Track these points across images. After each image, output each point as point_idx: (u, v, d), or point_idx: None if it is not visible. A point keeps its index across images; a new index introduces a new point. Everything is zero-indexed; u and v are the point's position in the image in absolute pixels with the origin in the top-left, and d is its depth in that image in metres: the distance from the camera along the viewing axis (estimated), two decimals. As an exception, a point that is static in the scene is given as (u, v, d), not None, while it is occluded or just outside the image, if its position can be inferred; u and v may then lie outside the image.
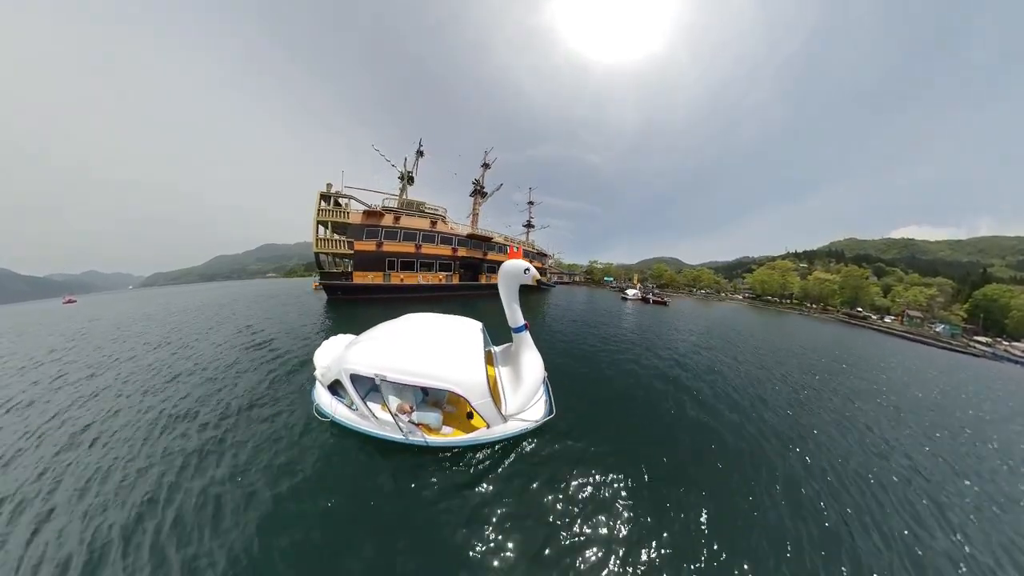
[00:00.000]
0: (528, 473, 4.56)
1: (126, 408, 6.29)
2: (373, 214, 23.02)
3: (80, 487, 4.25)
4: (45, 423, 5.89)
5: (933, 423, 8.13)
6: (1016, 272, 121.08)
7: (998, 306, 49.17)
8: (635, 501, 4.21)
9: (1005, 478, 5.98)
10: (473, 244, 30.09)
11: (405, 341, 5.20)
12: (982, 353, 28.52)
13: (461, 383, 4.59)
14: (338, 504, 3.96)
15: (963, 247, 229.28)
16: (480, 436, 4.84)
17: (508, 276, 5.62)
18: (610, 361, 10.13)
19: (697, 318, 25.43)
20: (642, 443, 5.54)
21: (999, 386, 13.96)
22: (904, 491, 5.10)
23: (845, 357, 15.50)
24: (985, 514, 4.90)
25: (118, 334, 12.99)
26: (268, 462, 4.61)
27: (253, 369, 8.15)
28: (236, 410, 6.05)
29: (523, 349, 5.79)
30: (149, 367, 8.61)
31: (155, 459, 4.73)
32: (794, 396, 8.75)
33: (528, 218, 50.91)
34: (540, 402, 5.52)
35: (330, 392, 5.36)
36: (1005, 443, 7.51)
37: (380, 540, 3.52)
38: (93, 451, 4.99)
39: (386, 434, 4.78)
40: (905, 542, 4.12)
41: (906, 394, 10.39)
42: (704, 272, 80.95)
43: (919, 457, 6.25)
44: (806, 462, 5.50)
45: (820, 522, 4.22)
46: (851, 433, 6.86)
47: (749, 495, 4.54)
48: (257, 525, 3.62)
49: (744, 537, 3.85)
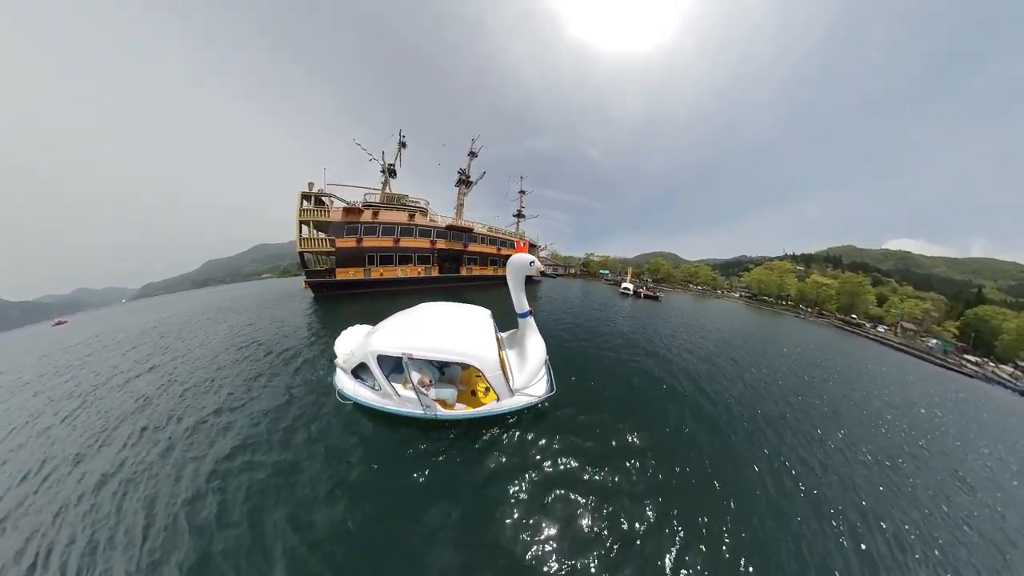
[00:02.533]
0: (536, 440, 5.36)
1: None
2: (352, 211, 23.24)
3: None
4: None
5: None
6: (1006, 296, 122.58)
7: (989, 327, 49.12)
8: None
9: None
10: (453, 236, 29.73)
11: (426, 325, 5.81)
12: (974, 374, 28.37)
13: (478, 356, 5.15)
14: (381, 470, 4.60)
15: (958, 265, 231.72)
16: (491, 409, 5.42)
17: (515, 268, 6.37)
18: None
19: (688, 317, 24.12)
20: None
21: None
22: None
23: (853, 375, 14.17)
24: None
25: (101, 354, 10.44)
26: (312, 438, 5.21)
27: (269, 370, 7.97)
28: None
29: (528, 332, 6.52)
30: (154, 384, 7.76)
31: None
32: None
33: (519, 208, 48.25)
34: (543, 380, 6.15)
35: (353, 376, 5.85)
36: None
37: (422, 500, 4.17)
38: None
39: (407, 410, 5.27)
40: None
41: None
42: (701, 268, 79.14)
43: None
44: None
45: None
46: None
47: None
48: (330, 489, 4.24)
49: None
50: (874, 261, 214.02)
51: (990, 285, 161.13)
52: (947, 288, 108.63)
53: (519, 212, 48.16)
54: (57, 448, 5.41)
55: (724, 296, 64.67)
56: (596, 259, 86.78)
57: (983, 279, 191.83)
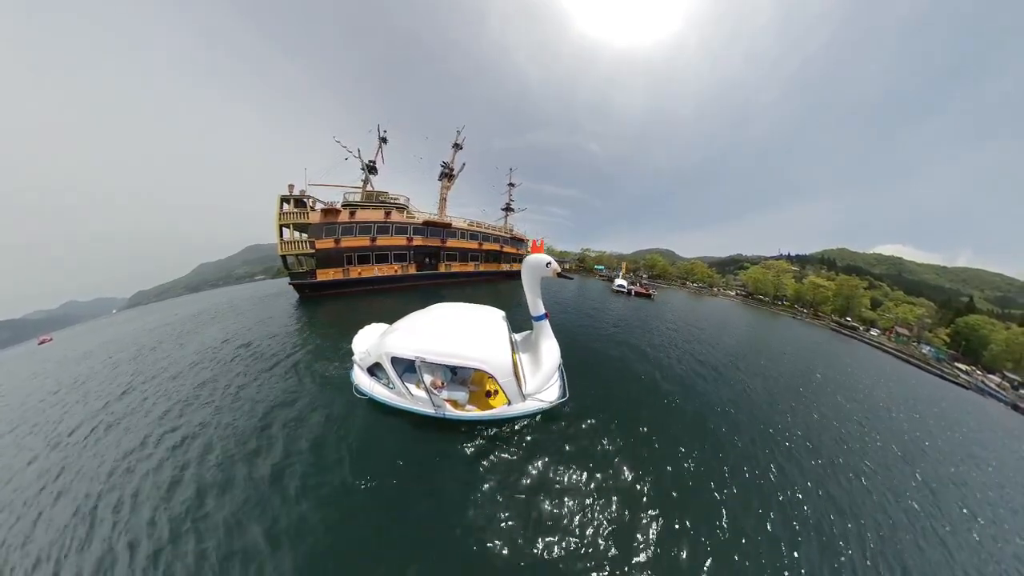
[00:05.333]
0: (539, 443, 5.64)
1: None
2: (330, 212, 23.22)
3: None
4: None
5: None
6: (992, 307, 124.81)
7: (978, 336, 49.29)
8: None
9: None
10: (431, 232, 29.07)
11: (439, 327, 5.98)
12: (968, 385, 28.14)
13: (490, 362, 5.30)
14: (391, 462, 5.10)
15: (947, 274, 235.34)
16: (502, 412, 5.63)
17: (530, 269, 6.37)
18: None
19: (682, 320, 22.96)
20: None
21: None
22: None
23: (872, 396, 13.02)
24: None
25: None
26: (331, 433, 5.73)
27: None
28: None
29: (542, 336, 6.55)
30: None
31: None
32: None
33: (508, 201, 45.96)
34: (555, 385, 6.18)
35: (368, 374, 6.16)
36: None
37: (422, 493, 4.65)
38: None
39: (419, 408, 5.57)
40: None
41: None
42: (698, 265, 77.85)
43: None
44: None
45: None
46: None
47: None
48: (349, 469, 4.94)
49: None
50: (867, 265, 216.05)
51: (977, 294, 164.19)
52: (936, 295, 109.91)
53: (508, 206, 46.03)
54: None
55: (720, 294, 63.93)
56: (592, 255, 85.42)
57: (972, 288, 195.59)
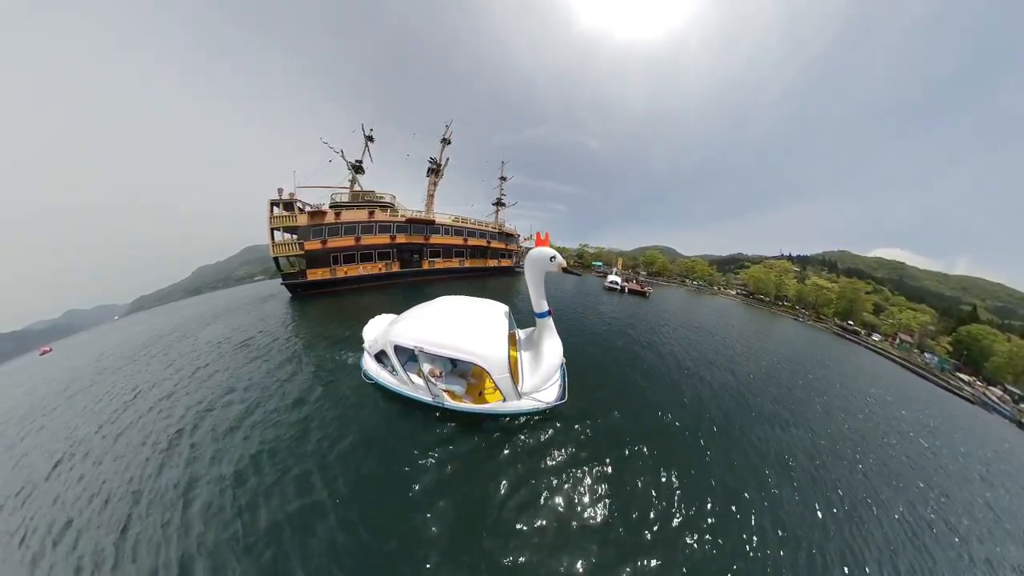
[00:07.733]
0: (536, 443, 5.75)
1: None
2: (316, 214, 23.85)
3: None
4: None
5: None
6: (992, 316, 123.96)
7: (980, 346, 48.10)
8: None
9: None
10: (414, 229, 29.38)
11: (440, 319, 6.20)
12: (973, 399, 26.89)
13: (484, 357, 5.42)
14: (386, 439, 5.60)
15: (947, 281, 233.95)
16: (494, 408, 5.78)
17: (534, 263, 6.25)
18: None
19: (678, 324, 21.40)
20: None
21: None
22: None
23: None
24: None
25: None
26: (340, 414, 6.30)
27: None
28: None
29: (545, 334, 6.52)
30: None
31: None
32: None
33: (498, 195, 44.65)
34: (555, 385, 6.18)
35: (376, 360, 6.61)
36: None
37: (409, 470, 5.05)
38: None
39: (418, 396, 5.97)
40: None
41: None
42: (698, 263, 75.91)
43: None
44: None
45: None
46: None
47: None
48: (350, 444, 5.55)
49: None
50: (868, 268, 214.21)
51: (978, 303, 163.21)
52: (938, 303, 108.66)
53: (499, 200, 44.73)
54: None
55: (720, 293, 62.38)
56: (590, 251, 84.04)
57: (972, 297, 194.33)
